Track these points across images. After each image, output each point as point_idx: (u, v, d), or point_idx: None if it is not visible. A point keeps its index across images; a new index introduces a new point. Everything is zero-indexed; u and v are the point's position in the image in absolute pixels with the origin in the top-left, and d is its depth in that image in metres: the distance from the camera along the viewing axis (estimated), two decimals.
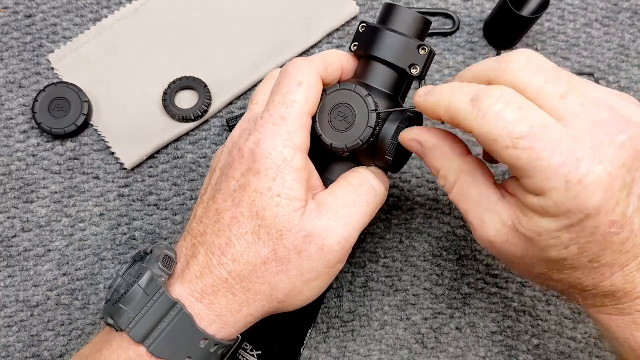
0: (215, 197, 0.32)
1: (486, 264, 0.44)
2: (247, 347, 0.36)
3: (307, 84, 0.31)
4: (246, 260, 0.30)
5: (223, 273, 0.30)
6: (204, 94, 0.45)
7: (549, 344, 0.43)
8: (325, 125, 0.33)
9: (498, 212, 0.28)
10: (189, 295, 0.30)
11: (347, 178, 0.33)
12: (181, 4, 0.47)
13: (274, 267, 0.30)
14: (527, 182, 0.26)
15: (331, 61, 0.34)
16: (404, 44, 0.33)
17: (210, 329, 0.30)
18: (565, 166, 0.24)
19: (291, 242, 0.30)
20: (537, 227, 0.26)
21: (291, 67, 0.32)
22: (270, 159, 0.30)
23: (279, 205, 0.30)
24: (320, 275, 0.31)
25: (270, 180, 0.30)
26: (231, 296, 0.30)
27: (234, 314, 0.31)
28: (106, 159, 0.45)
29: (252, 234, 0.30)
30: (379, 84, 0.34)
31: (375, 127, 0.32)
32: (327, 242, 0.30)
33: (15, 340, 0.42)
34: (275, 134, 0.30)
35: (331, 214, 0.31)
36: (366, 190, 0.33)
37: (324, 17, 0.47)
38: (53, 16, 0.47)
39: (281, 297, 0.31)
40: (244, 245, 0.30)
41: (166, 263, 0.31)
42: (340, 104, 0.32)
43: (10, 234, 0.43)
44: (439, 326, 0.43)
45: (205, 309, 0.30)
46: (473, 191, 0.30)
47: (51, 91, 0.44)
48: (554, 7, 0.48)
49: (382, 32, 0.33)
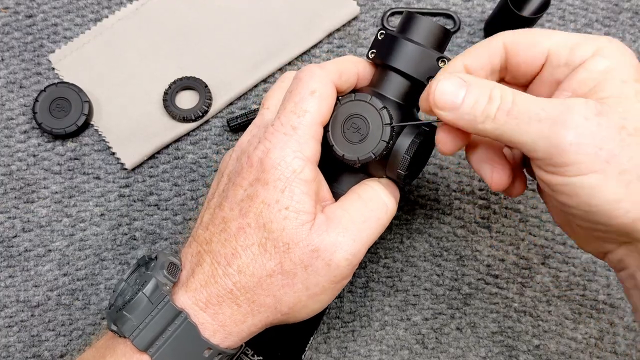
0: (222, 204, 0.32)
1: (486, 264, 0.44)
2: (249, 351, 0.36)
3: (320, 92, 0.30)
4: (252, 272, 0.30)
5: (228, 283, 0.30)
6: (205, 94, 0.45)
7: (549, 344, 0.43)
8: (338, 135, 0.32)
9: (576, 99, 0.26)
10: (193, 304, 0.30)
11: (358, 191, 0.33)
12: (182, 4, 0.47)
13: (280, 280, 0.30)
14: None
15: (345, 68, 0.33)
16: (423, 55, 0.32)
17: (214, 339, 0.30)
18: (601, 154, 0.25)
19: (298, 255, 0.30)
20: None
21: (304, 74, 0.31)
22: (279, 169, 0.30)
23: (287, 218, 0.29)
24: (326, 290, 0.31)
25: (279, 192, 0.29)
26: (235, 307, 0.30)
27: (238, 324, 0.30)
28: (107, 159, 0.45)
29: (259, 245, 0.30)
30: (395, 94, 0.33)
31: (389, 141, 0.31)
32: (334, 257, 0.30)
33: (16, 340, 0.42)
34: (285, 143, 0.30)
35: (340, 229, 0.30)
36: (377, 205, 0.32)
37: (324, 17, 0.47)
38: (54, 16, 0.47)
39: (285, 310, 0.31)
40: (250, 257, 0.30)
41: (171, 270, 0.31)
42: (354, 114, 0.32)
43: (10, 234, 0.43)
44: (439, 326, 0.43)
45: (209, 318, 0.30)
46: (536, 100, 0.27)
47: (52, 91, 0.44)
48: (555, 8, 0.48)
49: (400, 41, 0.33)
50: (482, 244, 0.44)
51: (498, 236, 0.44)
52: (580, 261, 0.44)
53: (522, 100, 0.27)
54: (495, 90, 0.27)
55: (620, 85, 0.26)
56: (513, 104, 0.27)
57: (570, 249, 0.44)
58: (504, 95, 0.27)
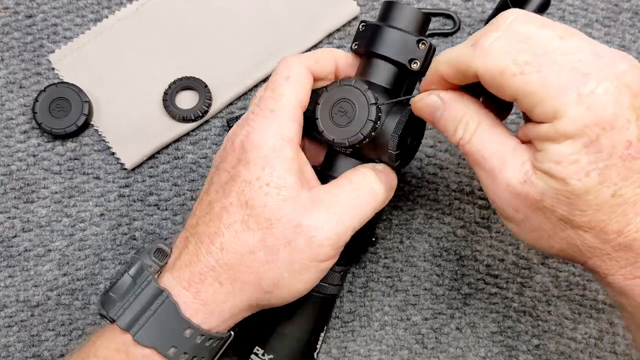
0: (209, 190, 0.33)
1: (486, 264, 0.44)
2: (259, 351, 0.36)
3: (295, 77, 0.32)
4: (234, 249, 0.30)
5: (211, 261, 0.30)
6: (204, 94, 0.45)
7: (549, 344, 0.43)
8: (327, 121, 0.33)
9: (518, 154, 0.28)
10: (176, 283, 0.31)
11: (348, 176, 0.33)
12: (181, 4, 0.47)
13: (262, 256, 0.30)
14: (539, 109, 0.26)
15: (322, 56, 0.34)
16: (402, 38, 0.33)
17: (195, 318, 0.30)
18: (575, 81, 0.25)
19: (280, 231, 0.30)
20: (556, 155, 0.26)
21: (280, 64, 0.33)
22: (259, 149, 0.31)
23: (268, 194, 0.30)
24: (309, 269, 0.31)
25: (259, 170, 0.30)
26: (217, 285, 0.31)
27: (220, 303, 0.31)
28: (106, 159, 0.45)
29: (241, 222, 0.30)
30: (380, 79, 0.34)
31: (376, 120, 0.32)
32: (317, 235, 0.30)
33: (16, 340, 0.42)
34: (265, 126, 0.31)
35: (324, 210, 0.31)
36: (365, 191, 0.32)
37: (323, 17, 0.47)
38: (53, 16, 0.47)
39: (268, 288, 0.31)
40: (232, 234, 0.31)
41: (158, 255, 0.32)
42: (340, 99, 0.33)
43: (10, 234, 0.43)
44: (439, 326, 0.43)
45: (191, 296, 0.30)
46: (493, 137, 0.29)
47: (51, 91, 0.44)
48: (555, 8, 0.48)
49: (380, 28, 0.34)
50: (482, 244, 0.44)
51: (498, 236, 0.44)
52: None
53: (478, 138, 0.29)
54: (462, 120, 0.30)
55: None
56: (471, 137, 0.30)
57: None
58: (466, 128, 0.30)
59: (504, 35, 0.27)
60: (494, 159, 0.28)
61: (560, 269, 0.44)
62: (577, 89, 0.25)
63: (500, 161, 0.28)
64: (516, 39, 0.26)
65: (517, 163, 0.28)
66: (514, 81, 0.26)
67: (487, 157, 0.29)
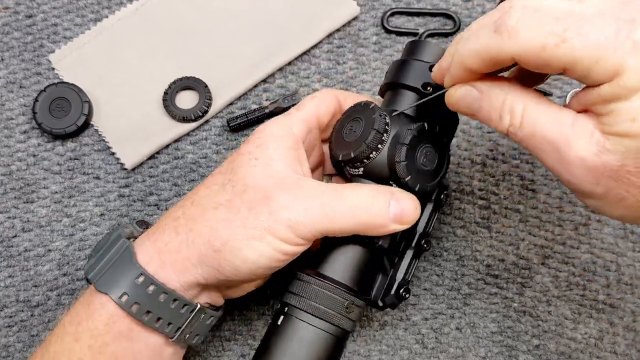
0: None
1: (486, 264, 0.44)
2: None
3: (320, 97, 0.35)
4: (202, 204, 0.32)
5: (178, 212, 0.33)
6: (205, 94, 0.45)
7: (549, 344, 0.43)
8: (338, 141, 0.34)
9: (580, 125, 0.26)
10: (143, 237, 0.33)
11: (351, 184, 0.32)
12: (181, 4, 0.47)
13: (222, 213, 0.31)
14: (595, 71, 0.24)
15: (350, 95, 0.37)
16: (414, 66, 0.35)
17: (148, 267, 0.31)
18: (623, 30, 0.23)
19: (250, 197, 0.31)
20: (628, 112, 0.24)
21: (312, 94, 0.36)
22: (262, 132, 0.33)
23: (255, 166, 0.32)
24: (262, 239, 0.30)
25: (254, 146, 0.33)
26: (174, 234, 0.32)
27: (173, 253, 0.32)
28: (106, 159, 0.45)
29: (221, 185, 0.32)
30: (399, 106, 0.35)
31: (382, 131, 0.31)
32: (280, 212, 0.30)
33: (15, 340, 0.42)
34: (278, 120, 0.34)
35: (300, 197, 0.30)
36: (356, 200, 0.31)
37: (323, 17, 0.47)
38: (54, 16, 0.47)
39: (218, 245, 0.31)
40: (206, 193, 0.33)
41: (140, 224, 0.35)
42: (351, 119, 0.34)
43: (10, 233, 0.44)
44: (439, 326, 0.43)
45: (149, 245, 0.32)
46: (546, 114, 0.27)
47: (51, 91, 0.44)
48: None
49: (396, 63, 0.36)
50: (482, 244, 0.44)
51: (498, 236, 0.44)
52: (580, 261, 0.44)
53: (530, 114, 0.27)
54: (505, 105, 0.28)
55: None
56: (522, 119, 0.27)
57: (570, 249, 0.44)
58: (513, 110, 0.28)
59: (525, 12, 0.25)
60: (555, 137, 0.26)
61: (560, 269, 0.44)
62: (628, 37, 0.23)
63: (563, 138, 0.26)
64: (540, 12, 0.25)
65: (584, 135, 0.26)
66: (559, 51, 0.24)
67: (548, 137, 0.26)
